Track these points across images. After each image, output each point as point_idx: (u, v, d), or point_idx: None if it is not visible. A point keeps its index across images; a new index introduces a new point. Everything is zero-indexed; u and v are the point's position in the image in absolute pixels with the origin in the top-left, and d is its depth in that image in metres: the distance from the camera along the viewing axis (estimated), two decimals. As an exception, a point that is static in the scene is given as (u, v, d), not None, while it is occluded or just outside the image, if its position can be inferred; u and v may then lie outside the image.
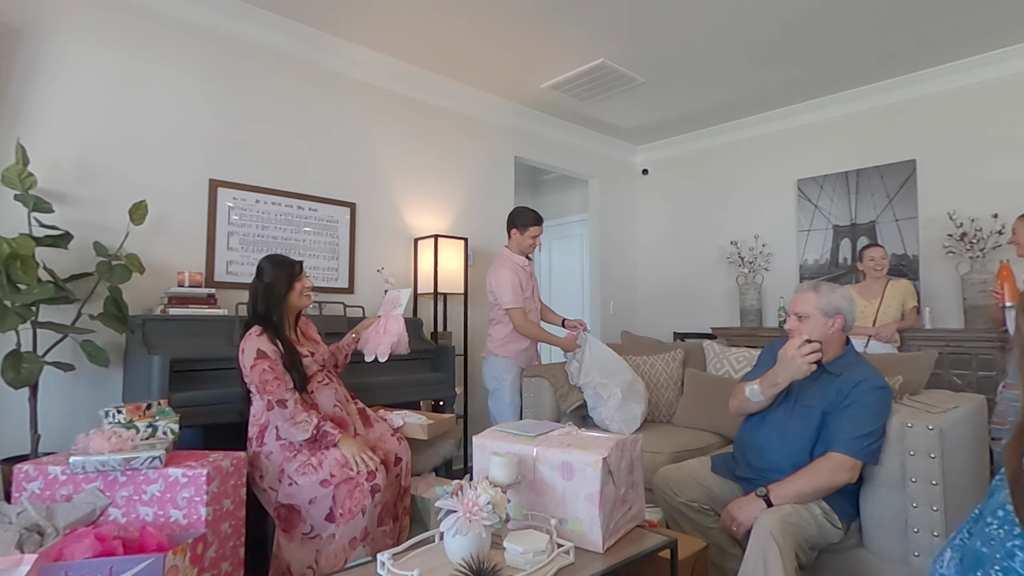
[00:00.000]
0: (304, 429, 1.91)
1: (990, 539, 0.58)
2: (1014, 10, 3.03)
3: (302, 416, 1.93)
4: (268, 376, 1.93)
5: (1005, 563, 0.55)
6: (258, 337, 2.00)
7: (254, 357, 1.96)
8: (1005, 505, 0.57)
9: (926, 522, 1.65)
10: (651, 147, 5.33)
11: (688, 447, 2.46)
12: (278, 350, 2.00)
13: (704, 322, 4.86)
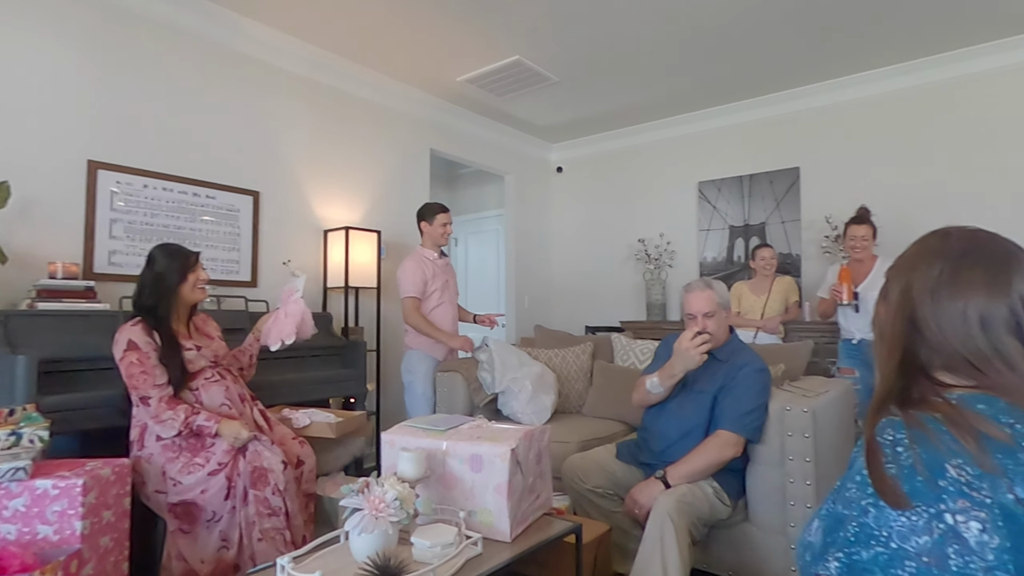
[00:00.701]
0: (171, 426, 1.81)
1: (849, 501, 0.65)
2: (881, 38, 3.40)
3: (167, 414, 1.82)
4: (135, 370, 1.81)
5: (861, 519, 0.62)
6: (132, 328, 1.86)
7: (124, 348, 1.83)
8: (861, 470, 0.65)
9: (801, 495, 1.83)
10: (565, 145, 5.46)
11: (596, 436, 2.56)
12: (153, 343, 1.87)
13: (614, 316, 5.07)
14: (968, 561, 0.56)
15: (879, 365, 0.76)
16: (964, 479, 0.59)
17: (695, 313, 1.97)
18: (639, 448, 2.07)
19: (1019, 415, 0.63)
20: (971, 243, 0.72)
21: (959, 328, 0.69)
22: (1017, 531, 0.56)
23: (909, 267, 0.75)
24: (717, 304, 1.96)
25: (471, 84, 3.99)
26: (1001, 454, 0.60)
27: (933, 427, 0.63)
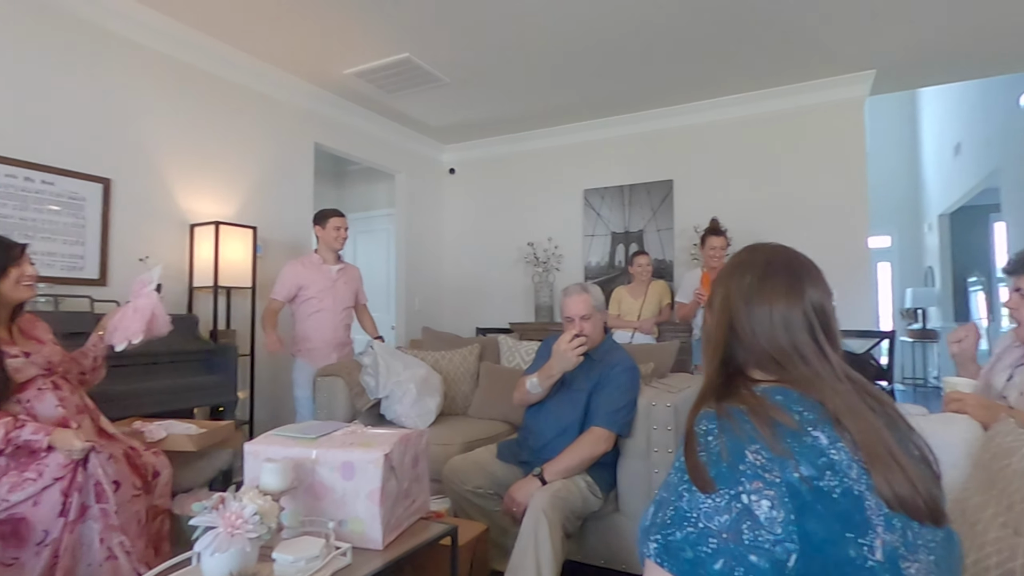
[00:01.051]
0: None
1: (668, 487, 0.71)
2: (742, 68, 3.77)
3: None
4: None
5: (677, 503, 0.68)
6: None
7: None
8: (680, 458, 0.71)
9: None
10: (458, 147, 5.47)
11: (480, 437, 2.58)
12: None
13: (504, 317, 5.15)
14: (758, 535, 0.63)
15: (705, 365, 0.84)
16: (760, 462, 0.66)
17: (573, 316, 2.05)
18: (519, 447, 2.12)
19: (807, 404, 0.72)
20: (773, 256, 0.83)
21: (766, 329, 0.78)
22: (800, 505, 0.64)
23: (727, 278, 0.84)
24: (593, 307, 2.06)
25: (359, 78, 3.86)
26: (790, 439, 0.68)
27: (738, 417, 0.70)
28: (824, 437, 0.68)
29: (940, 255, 6.99)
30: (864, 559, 0.63)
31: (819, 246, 4.01)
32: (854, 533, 0.64)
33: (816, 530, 0.63)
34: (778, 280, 0.80)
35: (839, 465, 0.66)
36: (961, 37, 3.39)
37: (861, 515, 0.64)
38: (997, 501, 1.03)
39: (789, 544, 0.63)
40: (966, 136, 5.82)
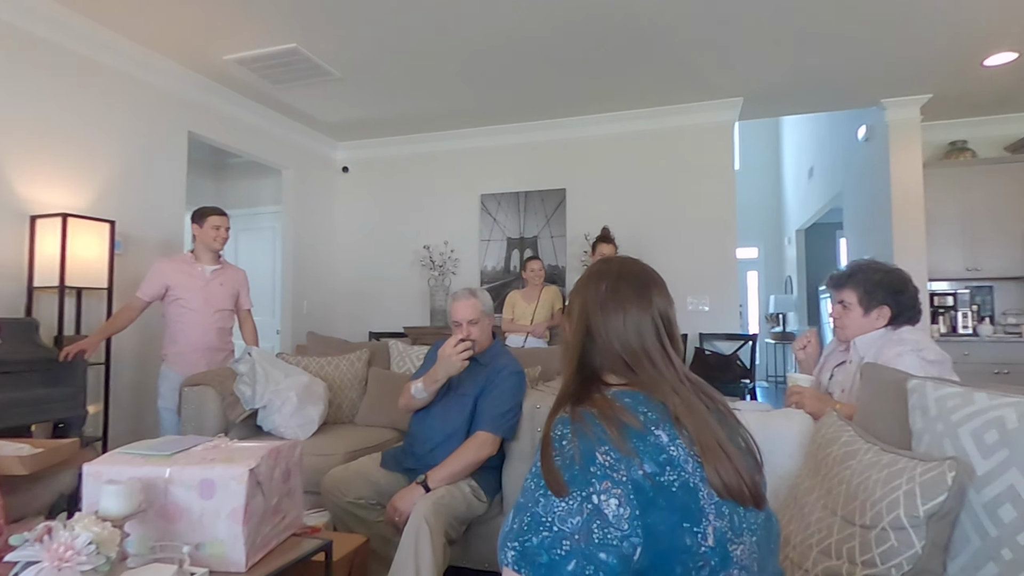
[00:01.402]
0: None
1: (526, 491, 0.72)
2: (630, 87, 3.99)
3: None
4: None
5: (533, 509, 0.70)
6: None
7: None
8: (537, 463, 0.72)
9: (546, 485, 2.02)
10: (353, 145, 5.29)
11: (365, 445, 2.50)
12: None
13: (398, 321, 5.04)
14: (607, 533, 0.66)
15: (563, 370, 0.87)
16: (608, 463, 0.69)
17: (460, 320, 2.05)
18: (404, 454, 2.08)
19: (652, 405, 0.77)
20: (623, 268, 0.89)
21: (620, 334, 0.83)
22: (644, 500, 0.68)
23: (584, 287, 0.89)
24: (481, 312, 2.07)
25: (241, 66, 3.61)
26: (635, 438, 0.72)
27: (589, 420, 0.73)
28: (665, 435, 0.73)
29: (797, 266, 7.84)
30: (698, 545, 0.69)
31: (695, 256, 4.36)
32: (690, 522, 0.69)
33: (658, 523, 0.68)
34: (630, 289, 0.86)
35: (677, 460, 0.71)
36: (810, 76, 3.84)
37: (696, 505, 0.70)
38: (820, 485, 1.16)
39: (635, 539, 0.67)
40: (817, 161, 6.59)
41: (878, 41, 3.37)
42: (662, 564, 0.68)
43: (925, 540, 0.91)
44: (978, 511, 0.90)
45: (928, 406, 1.08)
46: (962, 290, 4.61)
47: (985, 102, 4.31)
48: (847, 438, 1.19)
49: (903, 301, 1.64)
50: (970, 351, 4.18)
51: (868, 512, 0.98)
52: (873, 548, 0.95)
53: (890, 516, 0.94)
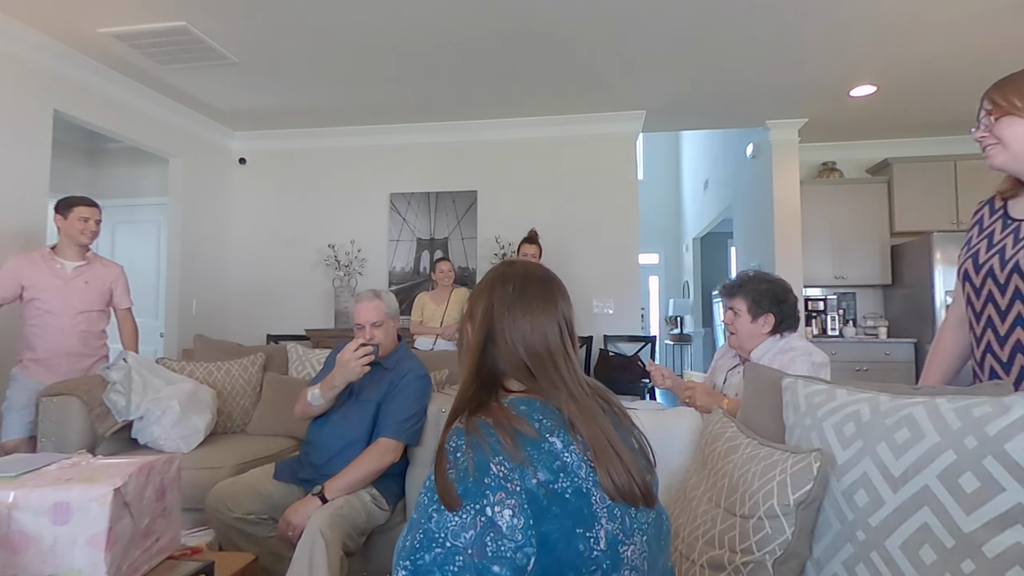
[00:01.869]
0: None
1: (419, 506, 0.70)
2: (541, 94, 4.06)
3: None
4: None
5: (426, 525, 0.67)
6: None
7: None
8: (431, 476, 0.70)
9: (451, 490, 1.99)
10: (251, 135, 4.97)
11: (257, 456, 2.35)
12: None
13: (300, 324, 4.80)
14: (500, 545, 0.65)
15: (462, 377, 0.85)
16: (502, 473, 0.68)
17: (363, 323, 1.98)
18: (300, 464, 1.97)
19: (547, 412, 0.77)
20: (528, 271, 0.88)
21: (526, 337, 0.82)
22: (537, 509, 0.68)
23: (488, 289, 0.87)
24: (385, 314, 2.01)
25: (120, 41, 3.27)
26: (530, 447, 0.71)
27: (484, 431, 0.72)
28: (559, 442, 0.73)
29: (693, 272, 8.38)
30: (591, 550, 0.69)
31: (600, 260, 4.52)
32: (583, 528, 0.69)
33: (551, 531, 0.68)
34: (536, 292, 0.85)
35: (571, 467, 0.71)
36: (705, 95, 4.11)
37: (589, 510, 0.70)
38: (707, 479, 1.23)
39: (528, 549, 0.66)
40: (712, 175, 7.08)
41: (763, 68, 3.68)
42: (556, 571, 0.68)
43: (795, 526, 0.98)
44: (838, 497, 0.98)
45: (799, 402, 1.17)
46: (831, 296, 5.13)
47: (851, 128, 4.84)
48: (730, 434, 1.27)
49: (785, 310, 1.80)
50: (837, 350, 4.66)
51: (747, 503, 1.05)
52: (751, 536, 1.02)
53: (765, 506, 1.01)
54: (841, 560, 0.96)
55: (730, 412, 1.50)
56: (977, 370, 1.22)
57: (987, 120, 1.15)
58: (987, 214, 1.26)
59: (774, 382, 1.32)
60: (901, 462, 0.91)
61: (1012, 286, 1.11)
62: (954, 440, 0.86)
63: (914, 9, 3.01)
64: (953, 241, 4.28)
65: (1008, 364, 1.12)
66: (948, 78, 3.78)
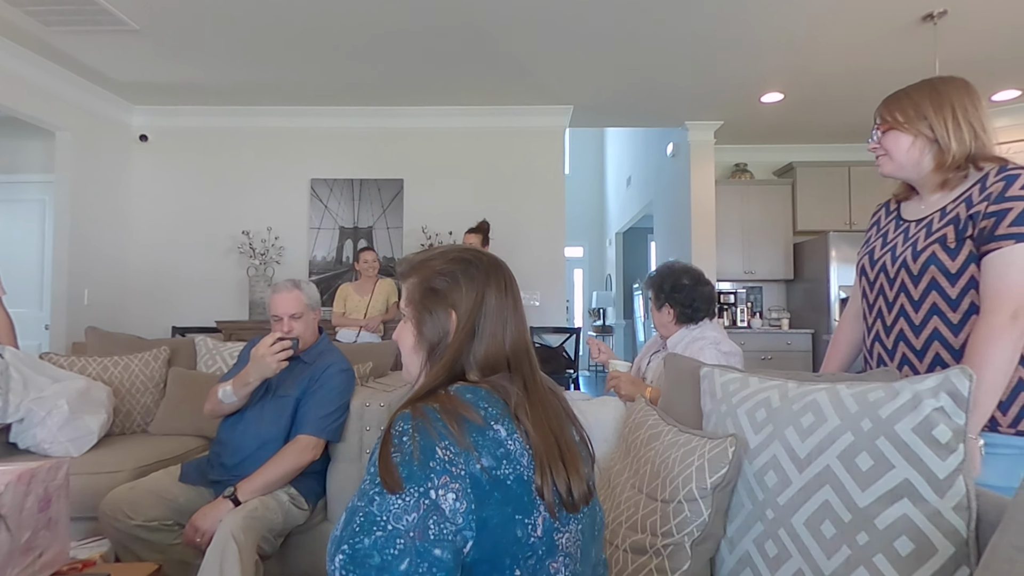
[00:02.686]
0: None
1: (362, 493, 0.69)
2: (471, 83, 4.02)
3: None
4: None
5: (367, 509, 0.66)
6: None
7: None
8: (376, 462, 0.69)
9: (375, 486, 1.94)
10: (154, 111, 4.57)
11: (161, 458, 2.18)
12: None
13: (210, 315, 4.49)
14: (442, 528, 0.65)
15: (426, 367, 0.84)
16: (448, 457, 0.68)
17: (281, 315, 1.87)
18: (210, 465, 1.84)
19: (493, 401, 0.77)
20: (497, 264, 0.88)
21: (511, 332, 0.84)
22: (480, 494, 0.69)
23: (482, 283, 0.84)
24: (305, 305, 1.91)
25: (-5, -4, 2.90)
26: (475, 433, 0.72)
27: (431, 416, 0.72)
28: (504, 430, 0.74)
29: (616, 265, 8.66)
30: (528, 536, 0.70)
31: (527, 253, 4.56)
32: (522, 515, 0.70)
33: (492, 516, 0.68)
34: (511, 287, 0.86)
35: (514, 454, 0.72)
36: (629, 94, 4.24)
37: (528, 497, 0.71)
38: (630, 467, 1.27)
39: (468, 532, 0.67)
40: (634, 172, 7.33)
41: (683, 71, 3.83)
42: (493, 556, 0.69)
43: (711, 508, 1.03)
44: (750, 479, 1.04)
45: (715, 390, 1.23)
46: (741, 289, 5.47)
47: (761, 132, 5.16)
48: (652, 421, 1.31)
49: (680, 299, 1.90)
50: (746, 340, 4.98)
51: (668, 488, 1.09)
52: (671, 520, 1.06)
53: (685, 490, 1.05)
54: (752, 538, 1.02)
55: (652, 400, 1.55)
56: (867, 357, 1.33)
57: (877, 133, 1.26)
58: (883, 215, 1.38)
59: (692, 371, 1.38)
60: (806, 444, 0.97)
61: (899, 280, 1.21)
62: (852, 423, 0.93)
63: (816, 27, 3.24)
64: (847, 240, 4.68)
65: (892, 351, 1.23)
66: (845, 91, 4.12)
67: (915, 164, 1.21)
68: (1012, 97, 4.21)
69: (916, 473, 0.85)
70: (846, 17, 3.15)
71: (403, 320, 0.89)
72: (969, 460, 0.84)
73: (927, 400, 0.87)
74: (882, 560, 0.84)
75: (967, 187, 1.15)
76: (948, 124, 1.16)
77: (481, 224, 3.92)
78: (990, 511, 0.82)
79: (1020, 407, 1.08)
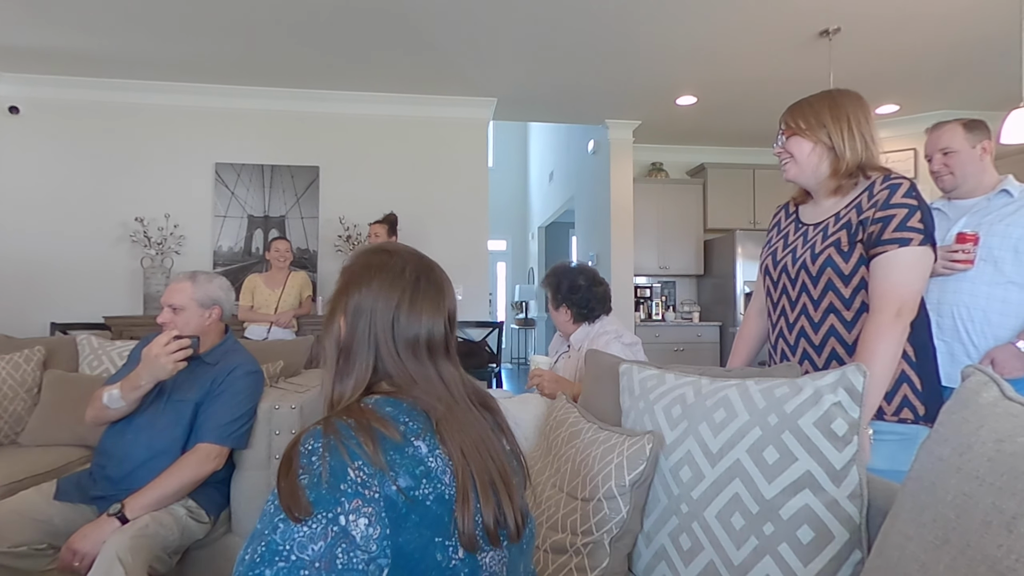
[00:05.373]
0: None
1: (264, 516, 0.63)
2: (391, 69, 3.87)
3: None
4: None
5: (270, 537, 0.60)
6: None
7: None
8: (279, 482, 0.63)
9: (285, 493, 1.82)
10: (27, 79, 4.05)
11: (33, 472, 1.94)
12: None
13: (97, 310, 4.07)
14: (352, 556, 0.60)
15: (338, 379, 0.77)
16: (361, 479, 0.63)
17: (163, 303, 1.72)
18: (92, 480, 1.65)
19: (414, 415, 0.72)
20: (418, 265, 0.81)
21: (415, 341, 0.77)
22: (395, 518, 0.63)
23: (387, 285, 0.78)
24: (192, 299, 1.74)
25: None
26: (393, 451, 0.66)
27: (345, 433, 0.65)
28: (425, 446, 0.69)
29: (538, 258, 8.76)
30: (449, 559, 0.66)
31: (450, 245, 4.49)
32: (442, 536, 0.66)
33: (409, 540, 0.64)
34: (429, 291, 0.79)
35: (435, 472, 0.67)
36: (551, 89, 4.27)
37: (449, 517, 0.67)
38: (551, 465, 1.26)
39: (382, 560, 0.62)
40: (557, 167, 7.43)
41: (604, 70, 3.91)
42: None
43: (629, 505, 1.04)
44: (666, 474, 1.07)
45: (634, 387, 1.25)
46: (656, 284, 5.70)
47: (677, 133, 5.38)
48: (573, 419, 1.31)
49: (577, 300, 1.97)
50: (660, 333, 5.20)
51: (588, 486, 1.09)
52: (591, 518, 1.06)
53: (604, 488, 1.06)
54: (667, 532, 1.04)
55: (574, 396, 1.56)
56: (771, 351, 1.41)
57: (782, 138, 1.33)
58: (783, 217, 1.46)
59: (612, 367, 1.40)
60: (719, 439, 1.00)
61: (800, 280, 1.29)
62: (760, 418, 0.97)
63: (726, 37, 3.41)
64: (751, 239, 4.99)
65: (794, 347, 1.31)
66: (752, 97, 4.37)
67: (814, 169, 1.29)
68: (892, 111, 4.66)
69: (816, 465, 0.89)
70: (752, 29, 3.33)
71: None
72: (861, 450, 0.90)
73: (827, 395, 0.92)
74: (786, 549, 0.88)
75: (857, 194, 1.23)
76: (844, 133, 1.24)
77: (388, 216, 3.78)
78: (878, 497, 0.88)
79: (902, 397, 1.18)
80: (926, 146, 1.82)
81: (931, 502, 0.60)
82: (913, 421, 1.17)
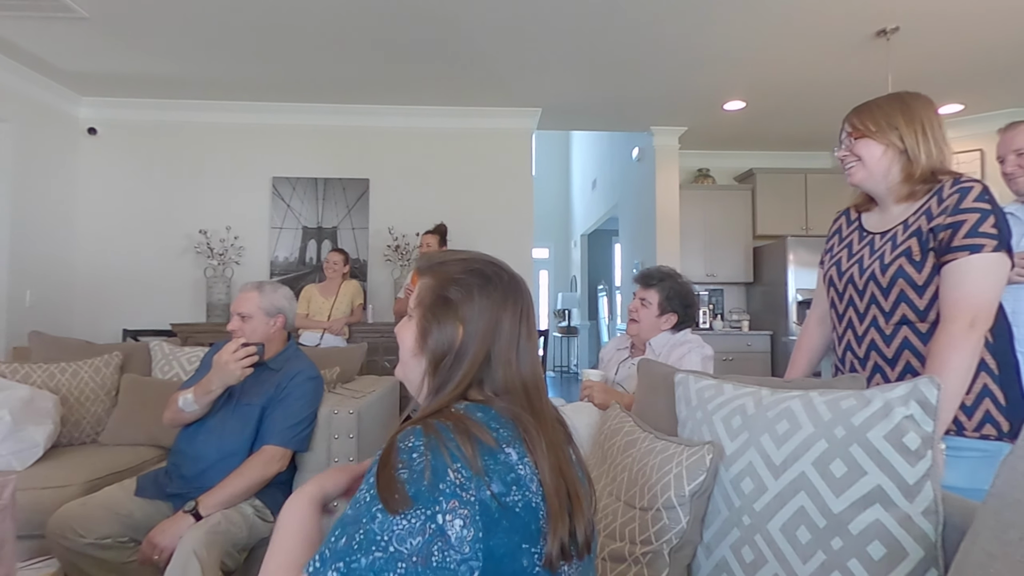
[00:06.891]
0: None
1: (358, 503, 0.64)
2: (438, 83, 3.97)
3: None
4: None
5: (368, 525, 0.62)
6: None
7: None
8: (374, 472, 0.66)
9: (343, 495, 1.89)
10: (104, 103, 4.35)
11: (114, 470, 2.07)
12: None
13: (164, 318, 4.31)
14: (446, 556, 0.61)
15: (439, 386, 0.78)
16: (459, 481, 0.64)
17: (232, 311, 1.82)
18: (168, 477, 1.76)
19: (503, 422, 0.73)
20: (519, 282, 0.85)
21: (528, 364, 0.79)
22: (488, 521, 0.65)
23: (499, 304, 0.79)
24: (259, 308, 1.83)
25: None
26: (487, 456, 0.68)
27: (444, 434, 0.67)
28: (515, 454, 0.70)
29: (580, 267, 8.73)
30: (533, 566, 0.67)
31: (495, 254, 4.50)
32: (529, 543, 0.67)
33: (499, 545, 0.65)
34: (530, 310, 0.82)
35: (523, 480, 0.69)
36: (597, 98, 4.28)
37: (536, 524, 0.68)
38: (607, 474, 1.27)
39: (474, 562, 0.63)
40: (600, 175, 7.40)
41: (650, 77, 3.89)
42: None
43: (689, 515, 1.04)
44: (726, 485, 1.06)
45: (690, 396, 1.24)
46: (703, 292, 5.60)
47: (724, 139, 5.29)
48: (628, 428, 1.32)
49: (689, 313, 2.02)
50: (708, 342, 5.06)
51: (646, 495, 1.10)
52: (650, 527, 1.06)
53: (663, 498, 1.06)
54: (729, 544, 1.03)
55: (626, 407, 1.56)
56: (839, 364, 1.37)
57: (848, 141, 1.29)
58: (845, 224, 1.42)
59: (666, 377, 1.39)
60: (782, 451, 0.99)
61: (869, 292, 1.25)
62: (826, 430, 0.95)
63: (777, 41, 3.35)
64: (803, 245, 4.84)
65: (864, 360, 1.27)
66: (803, 101, 4.26)
67: (884, 173, 1.25)
68: (956, 111, 4.45)
69: (887, 479, 0.87)
70: (805, 32, 3.25)
71: (408, 318, 0.84)
72: (935, 465, 0.87)
73: (897, 408, 0.90)
74: (856, 565, 0.86)
75: (926, 199, 1.19)
76: (918, 137, 1.20)
77: (439, 227, 3.87)
78: (955, 515, 0.85)
79: (984, 412, 1.13)
80: (999, 147, 1.75)
81: (1017, 520, 0.58)
82: (996, 438, 1.12)
